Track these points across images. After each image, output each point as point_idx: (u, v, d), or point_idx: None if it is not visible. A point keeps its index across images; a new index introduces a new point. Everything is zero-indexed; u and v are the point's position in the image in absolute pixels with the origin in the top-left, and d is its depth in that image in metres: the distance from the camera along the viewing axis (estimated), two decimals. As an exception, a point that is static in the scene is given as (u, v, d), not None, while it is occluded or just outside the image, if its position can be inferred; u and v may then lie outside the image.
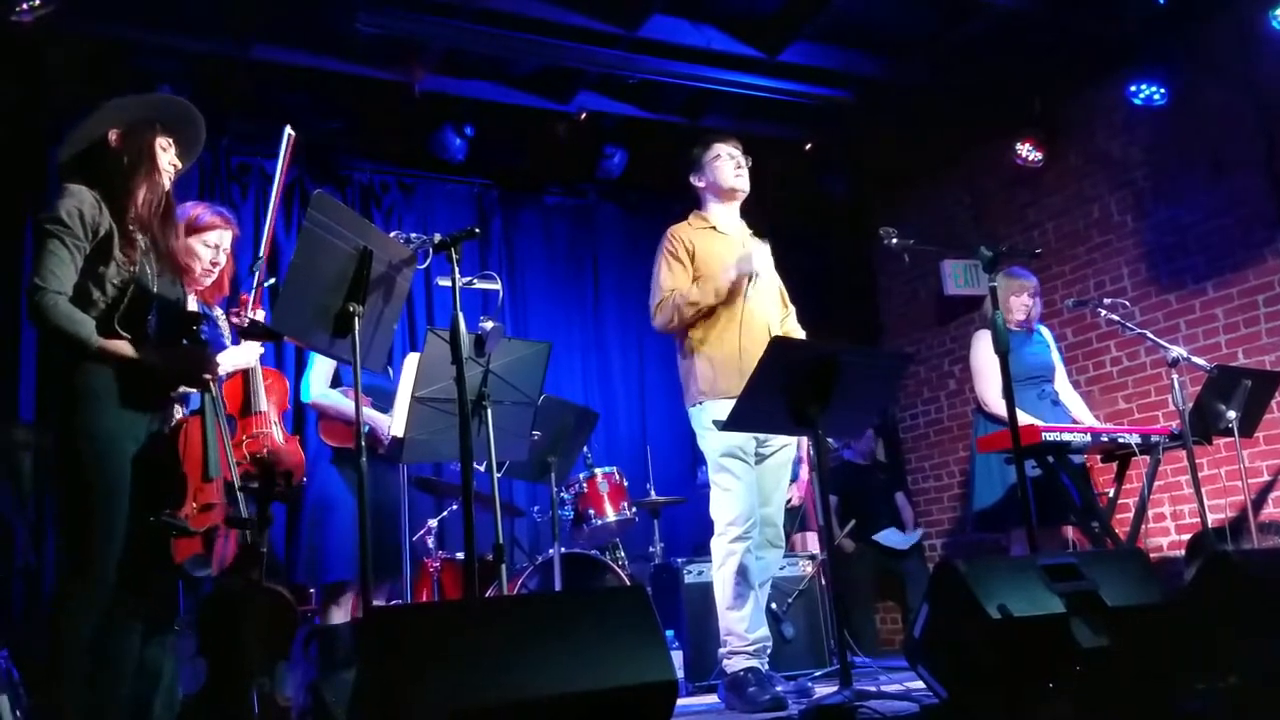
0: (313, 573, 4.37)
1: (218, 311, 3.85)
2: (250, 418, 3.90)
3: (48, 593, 4.86)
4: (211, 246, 3.56)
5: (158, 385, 2.83)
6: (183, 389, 3.05)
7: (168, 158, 2.91)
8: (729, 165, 4.17)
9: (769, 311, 4.11)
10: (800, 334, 4.26)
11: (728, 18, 5.76)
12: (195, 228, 3.55)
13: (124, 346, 2.70)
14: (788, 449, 4.13)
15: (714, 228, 4.18)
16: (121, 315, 2.73)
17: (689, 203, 4.35)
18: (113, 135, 2.83)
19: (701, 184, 4.25)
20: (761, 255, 4.06)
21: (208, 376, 2.88)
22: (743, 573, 3.88)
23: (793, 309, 4.34)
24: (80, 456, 2.63)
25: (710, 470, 4.02)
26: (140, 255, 2.79)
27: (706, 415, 3.95)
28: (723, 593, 3.92)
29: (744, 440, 3.93)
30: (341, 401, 4.31)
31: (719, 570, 3.94)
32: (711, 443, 3.97)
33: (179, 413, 3.07)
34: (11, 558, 4.84)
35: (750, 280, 3.97)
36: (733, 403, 3.80)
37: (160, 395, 2.86)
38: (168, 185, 2.92)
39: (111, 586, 2.61)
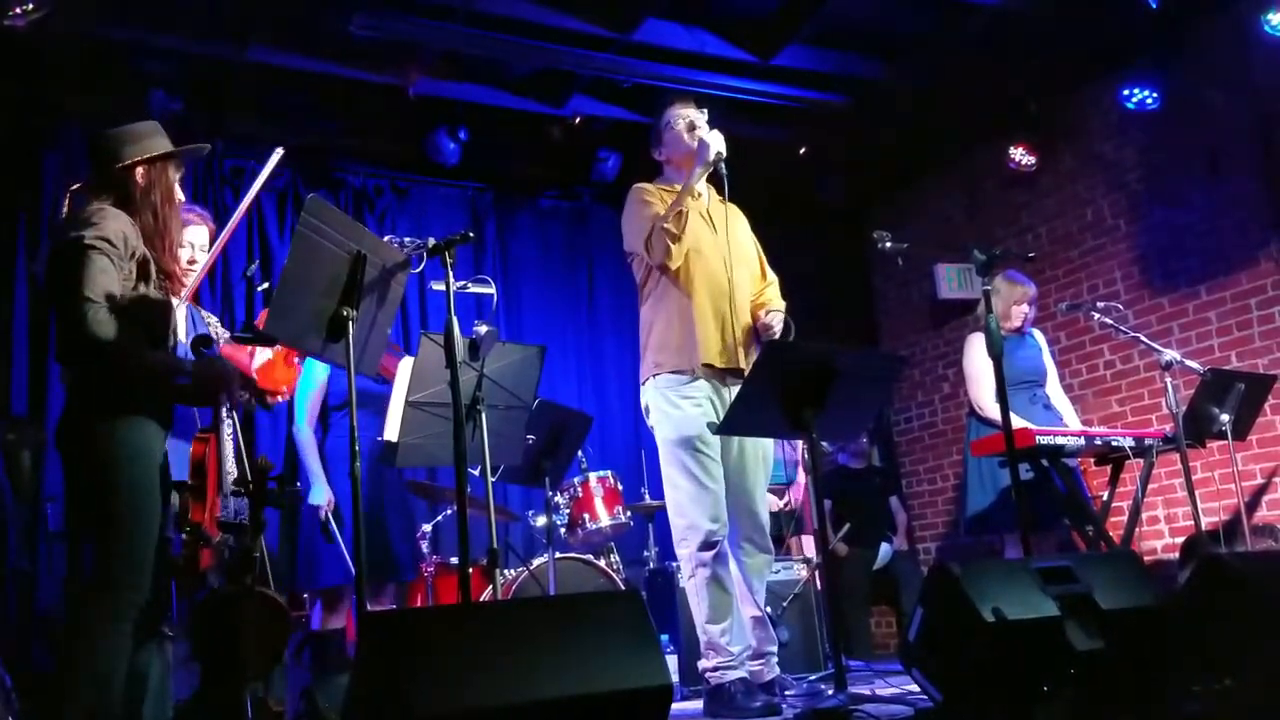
0: (310, 578, 4.38)
1: (209, 318, 3.85)
2: None
3: (42, 599, 4.83)
4: (186, 245, 3.58)
5: (182, 401, 2.90)
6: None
7: (177, 190, 2.96)
8: (682, 127, 3.88)
9: (740, 280, 3.83)
10: (780, 305, 3.95)
11: (721, 21, 5.77)
12: None
13: (168, 358, 2.79)
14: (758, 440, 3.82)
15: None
16: (158, 338, 2.79)
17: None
18: (139, 171, 2.82)
19: (663, 157, 3.99)
20: (718, 140, 3.73)
21: (223, 395, 2.92)
22: (717, 582, 3.60)
23: (774, 280, 4.06)
24: (118, 467, 2.63)
25: (662, 462, 3.71)
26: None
27: (655, 392, 3.71)
28: (697, 606, 3.65)
29: (703, 429, 3.63)
30: (306, 449, 4.44)
31: (689, 582, 3.67)
32: (664, 428, 3.68)
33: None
34: (4, 561, 4.81)
35: (716, 163, 3.69)
36: (687, 380, 3.68)
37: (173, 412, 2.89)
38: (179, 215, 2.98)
39: (145, 599, 2.62)
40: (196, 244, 3.63)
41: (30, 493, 4.81)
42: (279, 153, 3.14)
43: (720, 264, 3.79)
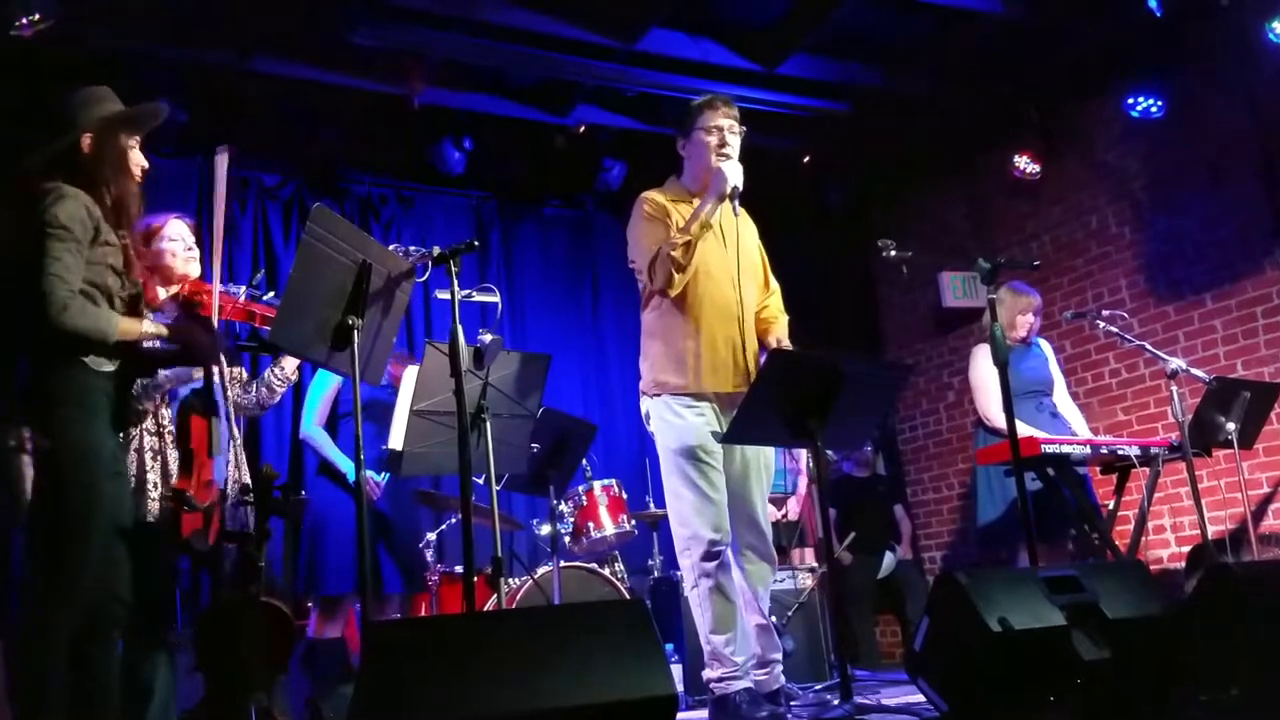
0: (310, 585, 4.37)
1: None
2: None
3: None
4: (176, 239, 3.45)
5: (172, 364, 2.83)
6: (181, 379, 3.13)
7: (135, 156, 2.83)
8: (714, 140, 3.67)
9: (749, 298, 3.72)
10: (784, 318, 3.91)
11: (726, 31, 5.78)
12: (151, 232, 3.47)
13: (142, 325, 2.68)
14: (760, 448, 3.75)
15: (692, 203, 3.68)
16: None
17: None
18: (85, 140, 2.72)
19: (683, 152, 3.80)
20: (736, 172, 3.56)
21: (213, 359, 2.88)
22: (721, 592, 3.54)
23: (777, 289, 3.97)
24: (62, 465, 2.55)
25: (664, 471, 3.65)
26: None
27: (657, 401, 3.64)
28: (701, 616, 3.58)
29: (705, 439, 3.56)
30: (324, 444, 4.40)
31: (692, 592, 3.60)
32: (666, 437, 3.61)
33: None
34: (8, 570, 4.80)
35: (732, 197, 3.55)
36: (687, 399, 3.60)
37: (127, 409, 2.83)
38: (137, 185, 2.86)
39: (90, 599, 2.53)
40: (182, 235, 3.43)
41: (26, 505, 4.78)
42: (224, 151, 3.06)
43: (730, 284, 3.68)
